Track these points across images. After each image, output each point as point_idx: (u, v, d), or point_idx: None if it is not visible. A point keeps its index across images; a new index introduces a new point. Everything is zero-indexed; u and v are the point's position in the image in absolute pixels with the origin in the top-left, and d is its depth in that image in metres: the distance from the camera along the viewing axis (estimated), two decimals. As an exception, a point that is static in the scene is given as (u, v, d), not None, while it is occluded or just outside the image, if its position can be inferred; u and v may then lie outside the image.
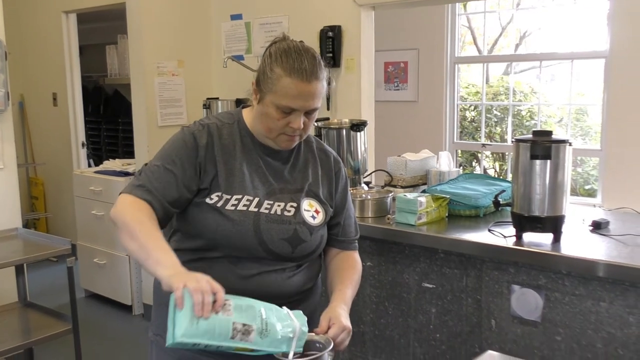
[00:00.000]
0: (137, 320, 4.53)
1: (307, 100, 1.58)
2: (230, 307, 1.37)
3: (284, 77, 1.56)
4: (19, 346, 3.06)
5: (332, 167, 1.81)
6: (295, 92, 1.56)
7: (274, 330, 1.40)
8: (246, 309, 1.39)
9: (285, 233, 1.64)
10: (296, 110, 1.58)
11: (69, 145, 5.77)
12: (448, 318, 2.61)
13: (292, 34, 4.13)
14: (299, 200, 1.69)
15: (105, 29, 6.48)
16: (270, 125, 1.61)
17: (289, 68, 1.56)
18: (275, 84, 1.57)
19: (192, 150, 1.63)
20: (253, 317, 1.38)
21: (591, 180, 6.15)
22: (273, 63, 1.58)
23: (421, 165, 3.33)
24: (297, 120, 1.60)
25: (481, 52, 6.26)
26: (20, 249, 3.30)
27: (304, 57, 1.57)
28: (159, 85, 4.43)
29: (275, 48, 1.62)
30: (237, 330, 1.36)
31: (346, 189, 1.84)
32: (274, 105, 1.58)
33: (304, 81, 1.56)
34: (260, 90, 1.62)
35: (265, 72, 1.60)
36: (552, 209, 2.37)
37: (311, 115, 1.63)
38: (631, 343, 2.16)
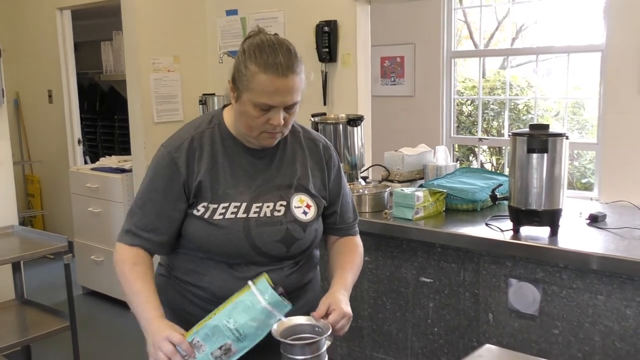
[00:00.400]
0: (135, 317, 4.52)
1: (285, 96, 1.53)
2: (200, 342, 1.40)
3: (259, 73, 1.50)
4: (17, 343, 3.06)
5: (322, 156, 1.76)
6: (271, 88, 1.51)
7: (247, 328, 1.41)
8: (213, 332, 1.41)
9: (277, 234, 1.62)
10: (275, 106, 1.53)
11: (65, 143, 5.75)
12: (446, 312, 2.62)
13: (287, 29, 4.15)
14: (289, 197, 1.65)
15: (100, 25, 6.45)
16: (250, 123, 1.57)
17: (263, 64, 1.50)
18: (250, 81, 1.52)
19: (174, 174, 1.61)
20: (222, 335, 1.40)
21: (588, 174, 6.16)
22: (247, 60, 1.53)
23: (418, 159, 3.32)
24: (276, 117, 1.55)
25: (477, 47, 6.25)
26: (17, 246, 3.30)
27: (279, 51, 1.52)
28: (154, 82, 4.42)
29: (248, 44, 1.56)
30: (219, 356, 1.39)
31: (339, 175, 1.80)
32: (252, 103, 1.53)
33: (280, 76, 1.50)
34: (236, 88, 1.56)
35: (240, 70, 1.54)
36: (549, 203, 2.38)
37: (291, 110, 1.58)
38: (628, 336, 2.16)
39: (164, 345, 1.42)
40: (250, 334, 1.41)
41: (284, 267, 1.66)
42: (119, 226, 1.75)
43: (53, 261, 5.40)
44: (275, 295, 1.43)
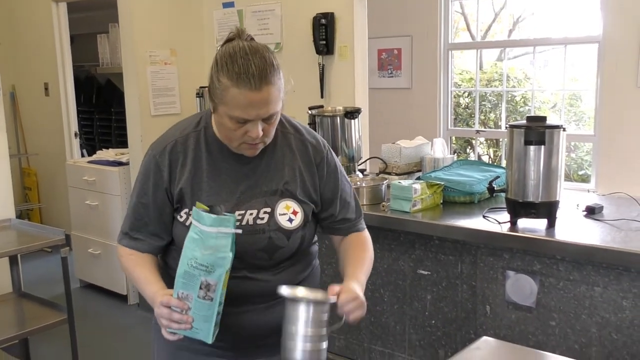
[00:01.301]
0: (133, 310, 4.53)
1: (260, 109, 1.45)
2: (184, 293, 1.45)
3: (231, 87, 1.42)
4: (14, 336, 3.06)
5: (312, 160, 1.66)
6: (245, 102, 1.43)
7: (207, 258, 1.43)
8: (186, 278, 1.44)
9: (259, 243, 1.57)
10: (250, 120, 1.46)
11: (61, 136, 5.74)
12: (443, 304, 2.62)
13: (284, 21, 4.15)
14: (274, 203, 1.59)
15: (96, 17, 6.42)
16: (228, 135, 1.52)
17: (235, 77, 1.42)
18: (224, 95, 1.44)
19: (158, 179, 1.60)
20: (193, 276, 1.44)
21: (585, 166, 6.17)
22: (219, 72, 1.45)
23: (415, 152, 3.32)
24: (254, 130, 1.48)
25: (474, 38, 6.24)
26: (14, 239, 3.29)
27: (251, 62, 1.42)
28: (151, 74, 4.40)
29: (221, 53, 1.47)
30: (205, 295, 1.43)
31: (336, 176, 1.70)
32: (227, 116, 1.47)
33: (253, 90, 1.42)
34: (212, 100, 1.50)
35: (213, 82, 1.47)
36: (546, 195, 2.38)
37: (270, 121, 1.50)
38: (625, 327, 2.17)
39: (160, 311, 1.46)
40: (214, 260, 1.43)
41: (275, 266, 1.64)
42: (116, 219, 1.77)
43: (50, 254, 5.38)
44: (211, 216, 1.43)
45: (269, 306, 1.65)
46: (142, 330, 4.07)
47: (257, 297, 1.63)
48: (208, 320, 1.46)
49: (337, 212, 1.71)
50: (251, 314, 1.64)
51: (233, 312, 1.61)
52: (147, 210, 1.62)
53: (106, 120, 7.02)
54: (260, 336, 1.68)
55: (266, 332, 1.68)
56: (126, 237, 1.66)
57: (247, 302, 1.63)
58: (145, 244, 1.64)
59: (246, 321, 1.64)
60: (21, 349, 3.40)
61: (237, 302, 1.61)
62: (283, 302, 1.67)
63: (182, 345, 1.68)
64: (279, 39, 4.22)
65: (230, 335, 1.65)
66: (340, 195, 1.71)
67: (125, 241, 1.66)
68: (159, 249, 1.67)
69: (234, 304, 1.61)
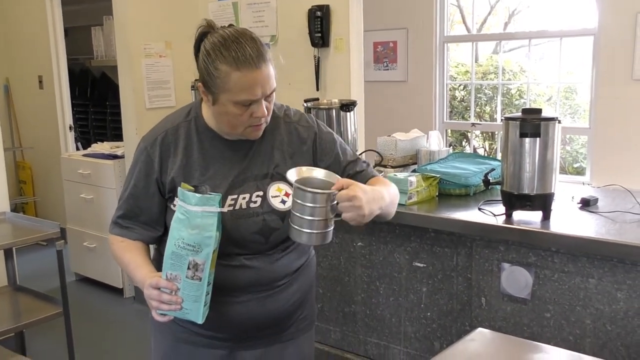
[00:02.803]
0: (129, 303, 4.53)
1: (264, 86, 1.50)
2: (172, 274, 1.46)
3: (232, 72, 1.46)
4: (10, 329, 3.06)
5: (305, 139, 1.68)
6: (249, 83, 1.47)
7: (194, 237, 1.44)
8: (174, 259, 1.46)
9: (254, 226, 1.59)
10: (256, 100, 1.50)
11: (56, 129, 5.72)
12: (439, 297, 2.63)
13: (280, 14, 4.13)
14: (265, 187, 1.61)
15: (90, 10, 6.39)
16: (233, 122, 1.54)
17: (233, 61, 1.46)
18: (225, 82, 1.48)
19: (149, 170, 1.62)
20: (180, 256, 1.45)
21: (580, 158, 6.18)
22: (215, 61, 1.48)
23: (411, 145, 3.32)
24: (259, 109, 1.52)
25: (470, 31, 6.24)
26: (9, 232, 3.29)
27: (244, 44, 1.47)
28: (146, 67, 4.39)
29: (210, 44, 1.51)
30: (193, 275, 1.45)
31: (331, 146, 1.70)
32: (232, 102, 1.50)
33: (254, 69, 1.47)
34: (211, 92, 1.53)
35: (210, 73, 1.50)
36: (541, 187, 2.38)
37: (270, 98, 1.55)
38: (619, 318, 2.18)
39: (150, 293, 1.48)
40: (200, 239, 1.44)
41: (269, 254, 1.64)
42: (111, 212, 1.77)
43: (45, 248, 5.37)
44: (196, 196, 1.45)
45: (267, 295, 1.66)
46: (137, 323, 4.08)
47: (255, 286, 1.63)
48: (197, 300, 1.47)
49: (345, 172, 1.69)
50: (249, 303, 1.64)
51: (231, 301, 1.62)
52: (138, 201, 1.65)
53: (101, 114, 7.00)
54: (259, 326, 1.68)
55: (265, 322, 1.68)
56: (117, 226, 1.69)
57: (245, 291, 1.63)
58: (135, 232, 1.66)
59: (244, 311, 1.64)
60: (17, 342, 3.40)
61: (235, 291, 1.62)
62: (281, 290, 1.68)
63: (180, 337, 1.69)
64: (274, 31, 4.20)
65: (229, 326, 1.66)
66: (343, 159, 1.71)
67: (117, 230, 1.69)
68: (150, 238, 1.68)
69: (232, 294, 1.62)
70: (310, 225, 1.45)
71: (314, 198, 1.44)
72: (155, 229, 1.67)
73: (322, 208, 1.45)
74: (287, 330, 1.76)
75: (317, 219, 1.45)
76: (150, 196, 1.63)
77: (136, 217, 1.66)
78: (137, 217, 1.66)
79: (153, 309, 1.49)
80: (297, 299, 1.74)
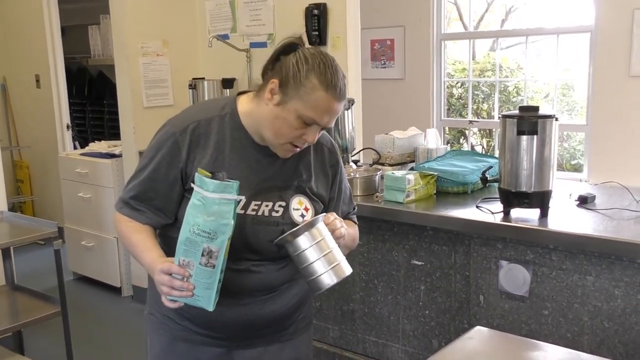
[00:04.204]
0: (127, 302, 4.53)
1: (331, 117, 1.55)
2: (185, 260, 1.44)
3: (320, 90, 1.49)
4: (8, 329, 3.06)
5: (327, 162, 1.73)
6: (325, 107, 1.51)
7: (210, 224, 1.43)
8: (188, 245, 1.44)
9: (272, 235, 1.58)
10: (317, 124, 1.54)
11: (53, 128, 5.71)
12: (437, 295, 2.63)
13: (277, 12, 4.13)
14: (288, 198, 1.62)
15: (87, 9, 6.38)
16: (283, 131, 1.54)
17: (326, 82, 1.50)
18: (308, 93, 1.50)
19: (175, 157, 1.58)
20: (195, 243, 1.43)
21: (577, 155, 6.19)
22: (310, 71, 1.50)
23: (409, 142, 3.32)
24: (313, 134, 1.56)
25: (467, 29, 6.24)
26: (7, 232, 3.28)
27: (339, 75, 1.53)
28: (143, 66, 4.38)
29: (310, 54, 1.53)
30: (206, 262, 1.43)
31: (342, 176, 1.79)
32: (297, 113, 1.51)
33: (336, 99, 1.52)
34: (284, 93, 1.52)
35: (297, 78, 1.50)
36: (539, 185, 2.39)
37: (324, 130, 1.61)
38: (617, 316, 2.18)
39: (161, 278, 1.46)
40: (216, 226, 1.43)
41: (279, 262, 1.65)
42: (109, 211, 1.76)
43: (43, 247, 5.36)
44: (214, 182, 1.43)
45: (268, 298, 1.66)
46: (136, 322, 4.07)
47: (257, 290, 1.64)
48: (210, 287, 1.45)
49: (338, 206, 1.78)
50: (250, 306, 1.64)
51: (232, 303, 1.62)
52: (156, 185, 1.60)
53: (98, 112, 6.98)
54: (258, 326, 1.69)
55: (264, 323, 1.68)
56: (127, 206, 1.63)
57: (247, 295, 1.63)
58: (146, 216, 1.62)
59: (244, 313, 1.65)
60: (15, 342, 3.40)
61: (237, 294, 1.61)
62: (281, 293, 1.68)
63: (177, 335, 1.69)
64: (271, 29, 4.20)
65: (228, 326, 1.66)
66: (343, 193, 1.80)
67: (127, 210, 1.63)
68: (159, 224, 1.64)
69: (234, 296, 1.61)
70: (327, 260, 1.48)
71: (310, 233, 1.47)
72: (166, 216, 1.62)
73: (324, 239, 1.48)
74: (286, 331, 1.76)
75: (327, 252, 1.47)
76: (169, 183, 1.59)
77: (149, 201, 1.61)
78: (151, 201, 1.61)
79: (163, 294, 1.47)
80: (296, 301, 1.74)
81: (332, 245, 1.49)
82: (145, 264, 1.56)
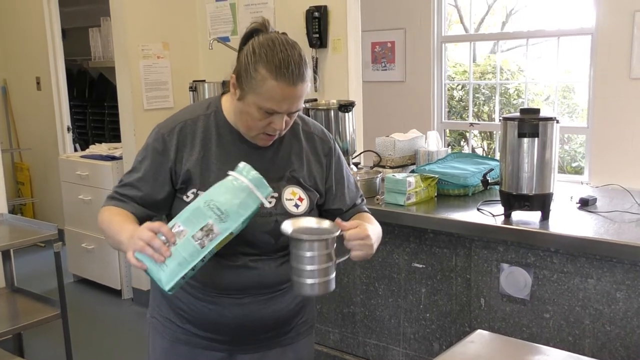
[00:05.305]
0: (127, 305, 4.53)
1: (292, 104, 1.52)
2: (181, 227, 1.39)
3: (270, 79, 1.47)
4: (8, 331, 3.05)
5: (320, 151, 1.72)
6: (280, 96, 1.48)
7: (229, 206, 1.40)
8: (193, 214, 1.40)
9: (266, 226, 1.58)
10: (279, 112, 1.52)
11: (54, 130, 5.72)
12: (438, 298, 2.63)
13: (277, 14, 4.12)
14: (280, 189, 1.62)
15: (87, 11, 6.39)
16: (250, 124, 1.55)
17: (275, 70, 1.46)
18: (259, 85, 1.48)
19: (163, 157, 1.59)
20: (203, 215, 1.39)
21: (578, 158, 6.18)
22: (258, 62, 1.48)
23: (410, 145, 3.32)
24: (279, 122, 1.54)
25: (468, 31, 6.24)
26: (7, 234, 3.28)
27: (291, 58, 1.48)
28: (144, 68, 4.38)
29: (258, 43, 1.50)
30: (200, 238, 1.38)
31: (340, 165, 1.77)
32: (256, 106, 1.50)
33: (291, 85, 1.48)
34: (241, 88, 1.52)
35: (248, 71, 1.50)
36: (540, 187, 2.38)
37: (293, 115, 1.58)
38: (618, 319, 2.18)
39: (144, 233, 1.38)
40: (233, 212, 1.40)
41: (275, 257, 1.64)
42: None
43: (43, 249, 5.37)
44: (257, 174, 1.43)
45: (268, 298, 1.65)
46: (136, 324, 4.07)
47: (257, 288, 1.63)
48: (182, 265, 1.37)
49: (347, 197, 1.76)
50: (250, 305, 1.63)
51: (232, 303, 1.62)
52: (145, 185, 1.61)
53: (99, 115, 6.99)
54: (259, 328, 1.68)
55: (264, 325, 1.68)
56: (114, 199, 1.63)
57: (247, 293, 1.62)
58: (132, 207, 1.60)
59: (245, 313, 1.64)
60: (15, 344, 3.39)
61: (236, 292, 1.61)
62: (282, 294, 1.67)
63: (178, 338, 1.69)
64: (272, 32, 4.19)
65: (229, 328, 1.65)
66: (347, 182, 1.77)
67: (113, 202, 1.62)
68: (146, 216, 1.62)
69: (233, 295, 1.61)
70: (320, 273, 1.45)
71: (321, 245, 1.44)
72: (151, 210, 1.62)
73: (328, 253, 1.46)
74: (287, 335, 1.75)
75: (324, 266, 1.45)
76: (158, 182, 1.60)
77: (138, 197, 1.61)
78: (139, 197, 1.61)
79: (136, 248, 1.38)
80: (297, 303, 1.73)
81: (329, 260, 1.47)
82: (124, 235, 1.47)
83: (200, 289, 1.62)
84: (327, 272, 1.46)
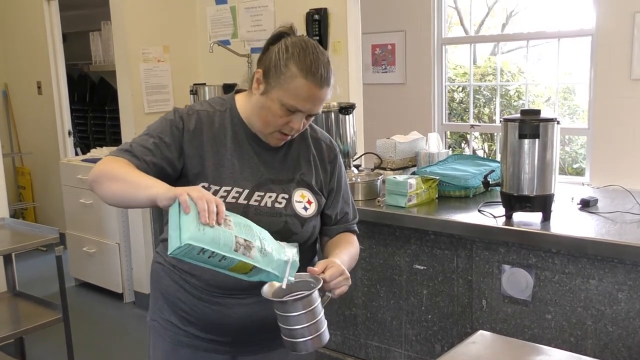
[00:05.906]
0: (128, 308, 4.52)
1: (315, 105, 1.56)
2: (230, 222, 1.37)
3: (299, 77, 1.51)
4: (10, 335, 3.05)
5: (326, 157, 1.75)
6: (306, 94, 1.53)
7: (270, 252, 1.41)
8: (245, 227, 1.40)
9: (275, 225, 1.60)
10: (301, 111, 1.56)
11: (55, 134, 5.72)
12: (439, 299, 2.62)
13: (278, 17, 4.13)
14: (291, 191, 1.65)
15: (88, 15, 6.40)
16: (269, 120, 1.57)
17: (305, 69, 1.52)
18: (288, 81, 1.52)
19: (178, 132, 1.60)
20: (252, 236, 1.39)
21: (579, 159, 6.18)
22: (289, 59, 1.53)
23: (410, 147, 3.32)
24: (298, 121, 1.57)
25: (468, 33, 6.24)
26: (8, 238, 3.28)
27: (321, 61, 1.54)
28: (144, 72, 4.39)
29: (291, 43, 1.56)
30: (240, 244, 1.35)
31: (341, 175, 1.79)
32: (280, 102, 1.54)
33: (317, 86, 1.53)
34: (267, 82, 1.56)
35: (278, 67, 1.54)
36: (541, 188, 2.38)
37: (312, 118, 1.62)
38: (620, 319, 2.17)
39: (207, 194, 1.35)
40: (269, 258, 1.39)
41: None
42: (111, 217, 1.74)
43: (45, 253, 5.38)
44: (297, 260, 1.46)
45: None
46: (137, 328, 4.07)
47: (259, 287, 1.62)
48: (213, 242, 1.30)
49: (339, 210, 1.77)
50: (253, 305, 1.63)
51: (234, 303, 1.62)
52: (161, 147, 1.57)
53: (100, 119, 7.00)
54: (260, 329, 1.68)
55: (266, 326, 1.67)
56: (128, 153, 1.56)
57: (250, 293, 1.62)
58: (146, 166, 1.54)
59: (247, 314, 1.64)
60: (16, 348, 3.40)
61: (239, 292, 1.61)
62: None
63: (180, 340, 1.69)
64: (272, 35, 4.20)
65: (231, 329, 1.65)
66: (343, 194, 1.79)
67: (127, 155, 1.55)
68: None
69: (236, 295, 1.61)
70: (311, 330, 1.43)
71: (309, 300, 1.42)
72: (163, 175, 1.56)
73: (315, 307, 1.44)
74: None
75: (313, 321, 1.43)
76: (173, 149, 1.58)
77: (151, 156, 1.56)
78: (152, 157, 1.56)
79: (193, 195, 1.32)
80: None
81: (319, 313, 1.45)
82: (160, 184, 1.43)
83: (204, 289, 1.62)
84: (317, 327, 1.44)
